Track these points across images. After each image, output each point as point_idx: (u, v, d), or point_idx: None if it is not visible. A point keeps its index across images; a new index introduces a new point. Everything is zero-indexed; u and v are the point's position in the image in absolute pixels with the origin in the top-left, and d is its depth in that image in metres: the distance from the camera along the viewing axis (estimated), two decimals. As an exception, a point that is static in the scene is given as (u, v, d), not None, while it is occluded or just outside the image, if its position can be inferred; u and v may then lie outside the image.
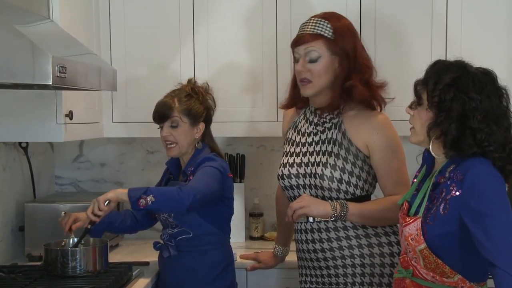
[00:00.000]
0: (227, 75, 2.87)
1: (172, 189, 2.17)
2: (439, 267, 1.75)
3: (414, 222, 1.78)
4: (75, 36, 2.33)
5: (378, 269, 2.19)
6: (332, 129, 2.25)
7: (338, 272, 2.21)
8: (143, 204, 2.10)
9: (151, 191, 2.12)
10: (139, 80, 2.88)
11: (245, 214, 3.09)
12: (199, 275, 2.37)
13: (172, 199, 2.13)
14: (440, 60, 1.81)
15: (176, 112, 2.36)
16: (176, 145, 2.38)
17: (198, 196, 2.15)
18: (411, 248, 1.79)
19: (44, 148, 3.10)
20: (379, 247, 2.20)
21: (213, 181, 2.27)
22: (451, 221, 1.71)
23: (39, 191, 2.94)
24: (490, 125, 1.70)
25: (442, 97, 1.71)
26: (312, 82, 2.21)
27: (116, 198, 2.16)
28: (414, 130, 1.82)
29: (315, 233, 2.22)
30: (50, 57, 1.79)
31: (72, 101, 2.44)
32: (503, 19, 2.79)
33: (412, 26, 2.81)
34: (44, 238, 2.51)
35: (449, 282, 1.76)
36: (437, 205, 1.74)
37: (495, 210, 1.65)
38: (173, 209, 2.23)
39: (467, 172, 1.69)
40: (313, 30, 2.20)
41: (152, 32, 2.87)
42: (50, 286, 2.14)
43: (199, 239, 2.37)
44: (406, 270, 1.83)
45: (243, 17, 2.85)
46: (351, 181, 2.19)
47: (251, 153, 3.21)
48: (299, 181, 2.25)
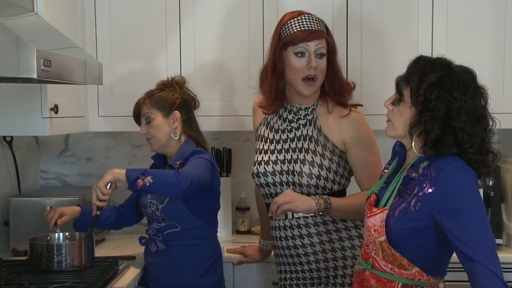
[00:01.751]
0: (213, 70, 2.87)
1: (170, 172, 2.16)
2: (396, 260, 1.77)
3: (380, 213, 1.79)
4: (60, 29, 2.31)
5: (341, 262, 2.21)
6: (307, 126, 2.25)
7: (320, 266, 2.22)
8: (141, 184, 2.08)
9: (149, 172, 2.11)
10: (125, 74, 2.86)
11: (232, 208, 3.09)
12: (188, 269, 2.37)
13: (170, 182, 2.12)
14: (422, 56, 1.80)
15: (145, 108, 2.39)
16: (153, 140, 2.39)
17: (195, 181, 2.16)
18: (371, 240, 1.81)
19: (29, 142, 3.08)
20: (349, 240, 2.22)
21: (206, 171, 2.28)
22: (421, 217, 1.72)
23: (24, 185, 2.92)
24: (473, 125, 1.70)
25: (428, 95, 1.70)
26: (317, 79, 2.19)
27: (114, 179, 2.14)
28: (391, 124, 1.81)
29: (294, 229, 2.23)
30: (35, 50, 1.78)
31: (57, 95, 2.43)
32: (489, 17, 2.80)
33: (398, 26, 2.82)
34: (29, 232, 2.50)
35: (407, 274, 1.77)
36: (408, 200, 1.75)
37: (470, 205, 1.66)
38: (170, 192, 2.19)
39: (442, 170, 1.69)
40: (320, 27, 2.20)
41: (138, 25, 2.86)
42: (35, 281, 2.12)
43: (188, 233, 2.37)
44: (366, 262, 1.85)
45: (230, 12, 2.85)
46: (329, 177, 2.20)
47: (238, 147, 3.21)
48: (276, 178, 2.25)
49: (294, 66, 2.18)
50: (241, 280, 2.69)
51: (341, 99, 2.25)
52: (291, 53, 2.18)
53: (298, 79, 2.18)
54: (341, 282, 2.21)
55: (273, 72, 2.24)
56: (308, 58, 2.17)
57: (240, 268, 2.67)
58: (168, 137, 2.40)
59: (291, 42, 2.18)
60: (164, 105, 2.38)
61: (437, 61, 1.76)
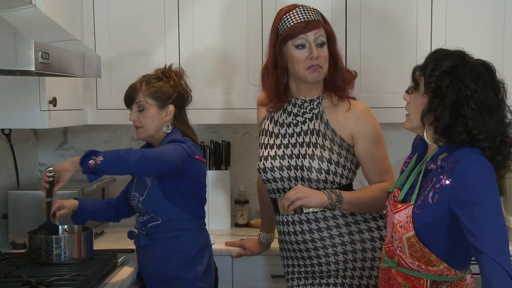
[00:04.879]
0: (212, 62, 2.86)
1: (121, 149, 2.15)
2: (425, 256, 1.76)
3: (405, 209, 1.78)
4: (58, 22, 2.30)
5: (360, 254, 2.20)
6: (314, 120, 2.24)
7: (329, 260, 2.21)
8: (92, 164, 2.06)
9: (101, 152, 2.10)
10: (123, 67, 2.86)
11: (231, 201, 3.09)
12: (173, 261, 2.33)
13: (121, 157, 2.10)
14: (441, 48, 1.82)
15: (141, 95, 2.34)
16: (143, 129, 2.36)
17: (149, 155, 2.13)
18: (397, 236, 1.80)
19: (27, 135, 3.07)
20: (369, 232, 2.21)
21: (174, 154, 2.22)
22: (440, 209, 1.72)
23: (22, 178, 2.92)
24: (483, 114, 1.70)
25: (439, 83, 1.72)
26: (322, 68, 2.19)
27: (66, 166, 2.15)
28: (409, 116, 1.83)
29: (304, 224, 2.21)
30: (33, 43, 1.77)
31: (55, 88, 2.42)
32: (487, 7, 2.80)
33: (397, 16, 2.81)
34: (28, 225, 2.50)
35: (434, 271, 1.77)
36: (425, 194, 1.75)
37: (484, 199, 1.66)
38: (121, 167, 2.13)
39: (458, 161, 1.70)
40: (316, 17, 2.19)
41: (137, 18, 2.85)
42: (34, 274, 2.12)
43: (169, 226, 2.33)
44: (392, 259, 1.84)
45: (229, 5, 2.84)
46: (337, 171, 2.19)
47: (237, 140, 3.20)
48: (283, 173, 2.23)
49: (296, 58, 2.17)
50: (240, 273, 2.69)
51: (339, 91, 2.24)
52: (292, 46, 2.18)
53: (302, 69, 2.18)
54: (359, 275, 2.20)
55: (274, 68, 2.24)
56: (309, 49, 2.16)
57: (239, 261, 2.67)
58: (158, 129, 2.36)
59: (290, 35, 2.17)
60: (161, 96, 2.34)
61: (453, 52, 1.78)
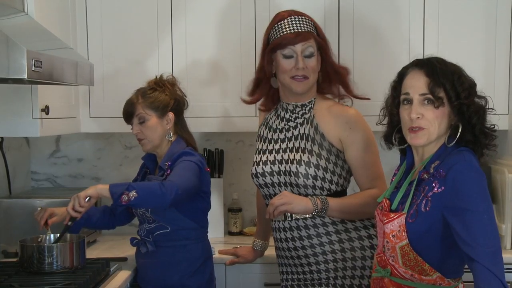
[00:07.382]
0: (205, 71, 2.86)
1: (154, 185, 2.15)
2: (418, 265, 1.76)
3: (398, 218, 1.78)
4: (51, 30, 2.30)
5: (350, 263, 2.20)
6: (304, 124, 2.25)
7: (320, 268, 2.21)
8: (126, 200, 2.07)
9: (133, 186, 2.10)
10: (116, 75, 2.86)
11: (224, 209, 3.08)
12: (178, 270, 2.37)
13: (155, 194, 2.11)
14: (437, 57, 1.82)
15: (140, 108, 2.37)
16: (146, 140, 2.38)
17: (180, 191, 2.14)
18: (390, 246, 1.80)
19: (19, 143, 3.06)
20: (359, 241, 2.21)
21: (193, 176, 2.27)
22: (433, 218, 1.72)
23: (14, 186, 2.91)
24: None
25: (465, 98, 1.76)
26: (309, 78, 2.21)
27: (97, 194, 2.12)
28: (426, 131, 1.78)
29: (294, 231, 2.22)
30: (25, 51, 1.77)
31: (48, 96, 2.41)
32: (480, 17, 2.81)
33: (390, 24, 2.83)
34: (19, 234, 2.48)
35: (427, 280, 1.77)
36: (418, 203, 1.75)
37: (476, 206, 1.67)
38: (156, 204, 2.20)
39: (450, 169, 1.70)
40: (306, 28, 2.21)
41: (130, 26, 2.85)
42: (26, 283, 2.11)
43: (177, 234, 2.37)
44: (384, 269, 1.84)
45: (221, 12, 2.84)
46: (326, 177, 2.20)
47: (230, 148, 3.20)
48: (274, 179, 2.25)
49: (282, 67, 2.22)
50: (233, 281, 2.68)
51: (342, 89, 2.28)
52: (280, 55, 2.22)
53: (287, 78, 2.22)
54: (350, 284, 2.20)
55: (263, 72, 2.28)
56: (296, 60, 2.19)
57: (232, 269, 2.66)
58: (161, 138, 2.39)
59: (279, 45, 2.21)
60: (159, 106, 2.37)
61: (447, 61, 1.81)
